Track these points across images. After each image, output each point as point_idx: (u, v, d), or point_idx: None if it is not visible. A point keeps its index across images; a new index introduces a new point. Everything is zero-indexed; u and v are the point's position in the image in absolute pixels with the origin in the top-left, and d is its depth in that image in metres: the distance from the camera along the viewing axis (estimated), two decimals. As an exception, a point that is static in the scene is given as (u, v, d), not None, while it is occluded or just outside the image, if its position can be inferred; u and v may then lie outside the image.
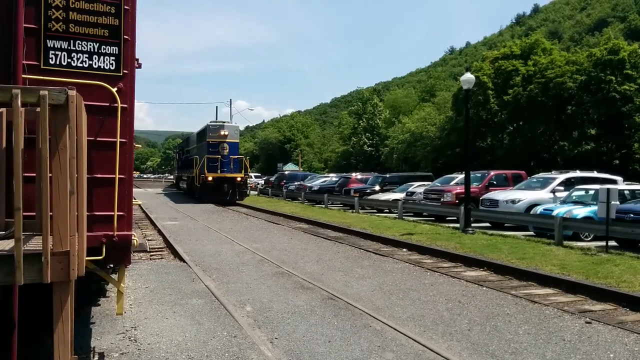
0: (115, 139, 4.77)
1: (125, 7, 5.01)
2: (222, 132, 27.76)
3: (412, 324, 6.02)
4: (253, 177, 48.15)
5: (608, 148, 35.41)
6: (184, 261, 9.93)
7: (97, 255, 4.58)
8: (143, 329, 5.70)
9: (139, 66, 5.32)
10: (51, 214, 3.22)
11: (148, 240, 13.39)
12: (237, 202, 27.69)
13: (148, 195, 34.85)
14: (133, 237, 4.96)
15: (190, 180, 32.21)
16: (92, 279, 5.27)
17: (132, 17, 5.07)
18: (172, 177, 78.03)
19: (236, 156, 28.36)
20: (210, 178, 26.91)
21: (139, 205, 23.29)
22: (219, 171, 27.29)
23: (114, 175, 4.75)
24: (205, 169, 27.16)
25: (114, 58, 4.96)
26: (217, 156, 27.40)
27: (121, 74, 4.96)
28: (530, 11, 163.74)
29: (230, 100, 51.86)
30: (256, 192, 39.71)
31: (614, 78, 33.40)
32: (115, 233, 4.69)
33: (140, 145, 7.06)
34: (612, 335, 5.61)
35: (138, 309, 6.52)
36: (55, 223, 3.23)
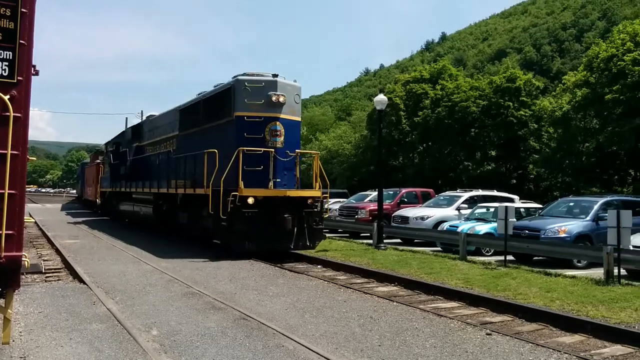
0: (5, 151, 4.38)
1: (23, 9, 4.67)
2: (273, 97, 13.06)
3: (325, 341, 6.01)
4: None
5: (506, 168, 38.12)
6: (84, 282, 9.28)
7: (-20, 279, 4.15)
8: (34, 358, 5.21)
9: (36, 73, 4.95)
10: None
11: (44, 260, 12.41)
12: (295, 250, 13.33)
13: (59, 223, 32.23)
14: (24, 259, 4.55)
15: (166, 205, 17.18)
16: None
17: (30, 21, 4.73)
18: (74, 191, 70.40)
19: (296, 151, 13.83)
20: (250, 200, 12.51)
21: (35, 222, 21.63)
22: (270, 184, 13.00)
23: (2, 191, 4.35)
24: (239, 177, 12.52)
25: (7, 63, 4.61)
26: (265, 150, 12.95)
27: (15, 80, 4.59)
28: (438, 39, 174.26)
29: (142, 111, 49.57)
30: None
31: (511, 104, 36.14)
32: (3, 254, 4.28)
33: (34, 158, 6.55)
34: (509, 345, 5.94)
35: (29, 336, 5.97)
36: None
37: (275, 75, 13.50)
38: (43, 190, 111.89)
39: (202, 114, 15.10)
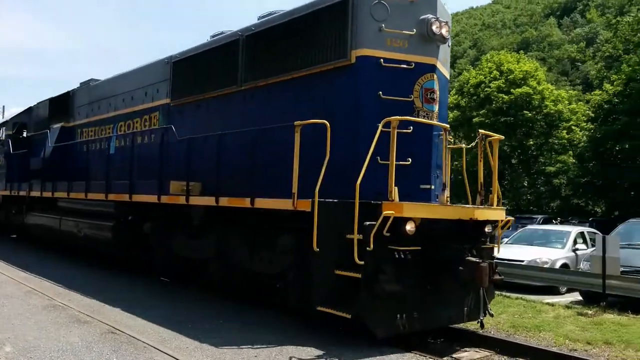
0: None
1: None
2: (434, 25, 6.67)
3: (199, 353, 5.84)
4: None
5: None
6: None
7: None
8: None
9: None
10: None
11: None
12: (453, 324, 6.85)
13: None
14: None
15: (152, 224, 9.71)
16: None
17: None
18: None
19: (480, 133, 7.65)
20: (410, 226, 5.68)
21: None
22: (445, 195, 6.57)
23: None
24: (391, 179, 5.87)
25: None
26: (420, 127, 6.69)
27: None
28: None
29: (4, 107, 44.12)
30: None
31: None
32: None
33: None
34: None
35: None
36: None
37: None
38: None
39: (245, 62, 8.25)
